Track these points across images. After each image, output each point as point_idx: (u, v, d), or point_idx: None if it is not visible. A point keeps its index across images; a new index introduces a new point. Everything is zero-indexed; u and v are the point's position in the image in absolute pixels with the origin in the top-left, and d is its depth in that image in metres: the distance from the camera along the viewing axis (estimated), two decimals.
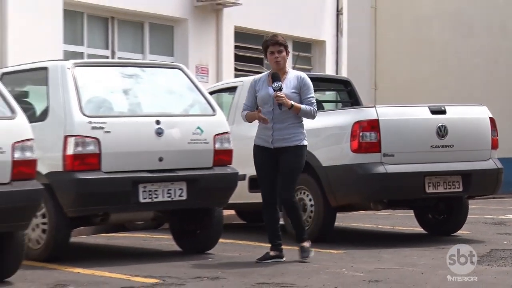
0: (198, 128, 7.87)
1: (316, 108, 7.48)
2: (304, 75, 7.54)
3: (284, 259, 7.43)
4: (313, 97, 7.47)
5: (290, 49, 16.98)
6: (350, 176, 8.59)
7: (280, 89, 7.27)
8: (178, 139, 7.76)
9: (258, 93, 7.44)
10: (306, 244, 7.48)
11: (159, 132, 7.63)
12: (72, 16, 13.42)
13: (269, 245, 7.51)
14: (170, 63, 10.29)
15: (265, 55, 7.55)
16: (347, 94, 10.86)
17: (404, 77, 21.70)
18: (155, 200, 7.56)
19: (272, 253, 7.45)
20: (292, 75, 7.48)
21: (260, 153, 7.49)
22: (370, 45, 22.27)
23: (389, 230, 10.39)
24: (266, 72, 7.67)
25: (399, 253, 7.99)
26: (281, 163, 7.38)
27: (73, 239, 8.29)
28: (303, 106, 7.35)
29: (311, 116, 7.47)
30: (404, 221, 10.91)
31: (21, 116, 6.50)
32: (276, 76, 7.35)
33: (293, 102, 7.28)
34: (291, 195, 7.44)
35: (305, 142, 7.46)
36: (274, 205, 7.49)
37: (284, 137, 7.36)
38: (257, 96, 7.45)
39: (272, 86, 7.32)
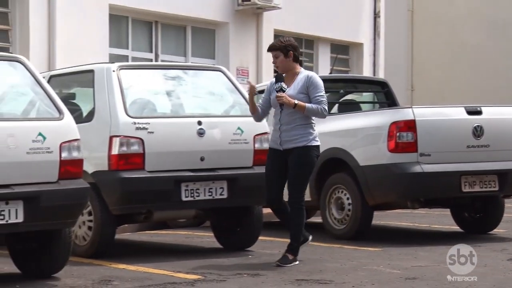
0: (239, 128, 7.86)
1: (325, 107, 7.09)
2: (312, 74, 7.22)
3: (297, 262, 7.11)
4: (321, 95, 7.09)
5: (328, 51, 17.15)
6: (387, 176, 8.53)
7: (282, 90, 7.01)
8: (219, 139, 7.75)
9: (271, 95, 7.18)
10: (291, 256, 7.08)
11: (201, 133, 7.63)
12: (117, 21, 13.51)
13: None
14: (212, 66, 10.31)
15: None
16: (384, 95, 10.79)
17: (440, 79, 21.56)
18: (197, 198, 7.57)
19: (290, 257, 7.14)
20: (302, 76, 7.16)
21: (272, 155, 7.24)
22: (407, 47, 22.17)
23: (425, 228, 10.30)
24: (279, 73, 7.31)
25: (436, 251, 7.92)
26: (289, 165, 7.10)
27: (118, 236, 8.33)
28: (308, 105, 7.00)
29: (320, 115, 7.11)
30: (440, 219, 10.81)
31: (68, 117, 6.54)
32: (279, 77, 7.10)
33: (296, 101, 6.96)
34: (298, 198, 7.10)
35: (315, 143, 7.12)
36: (281, 208, 7.23)
37: (291, 138, 7.07)
38: (270, 98, 7.22)
39: (274, 87, 7.11)
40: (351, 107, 10.52)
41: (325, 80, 11.09)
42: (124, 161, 7.33)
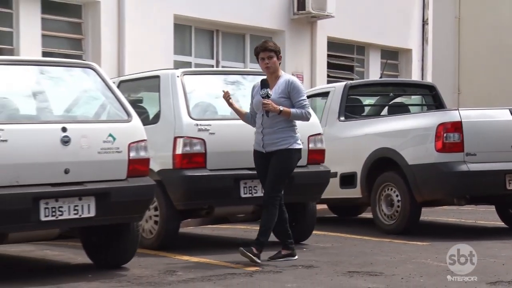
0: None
1: (308, 110, 6.85)
2: (293, 79, 6.96)
3: (296, 257, 6.96)
4: (304, 99, 6.84)
5: (378, 57, 17.05)
6: (435, 174, 8.46)
7: (268, 96, 6.74)
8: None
9: (254, 99, 6.98)
10: (256, 251, 6.73)
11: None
12: (181, 30, 13.61)
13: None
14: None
15: (257, 60, 7.01)
16: (432, 98, 10.70)
17: (486, 82, 21.28)
18: (255, 195, 7.58)
19: (284, 252, 6.99)
20: (282, 80, 6.89)
21: (257, 157, 7.00)
22: (454, 52, 21.93)
23: (471, 224, 10.17)
24: (264, 78, 7.05)
25: (481, 246, 7.81)
26: (270, 165, 6.85)
27: (182, 229, 8.39)
28: (293, 110, 6.76)
29: (304, 118, 6.88)
30: (486, 215, 10.67)
31: (136, 119, 6.61)
32: (264, 83, 6.84)
33: (281, 108, 6.71)
34: (273, 197, 6.80)
35: (297, 146, 6.86)
36: (280, 207, 6.93)
37: (273, 141, 6.82)
38: (253, 102, 7.01)
39: (259, 93, 6.84)
40: (400, 110, 10.46)
41: (375, 84, 11.19)
42: (188, 160, 7.38)
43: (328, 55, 15.82)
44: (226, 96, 6.97)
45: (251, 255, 6.67)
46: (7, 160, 5.84)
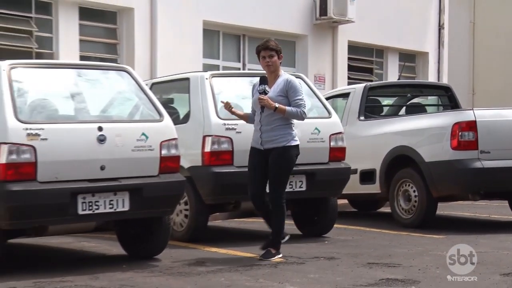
0: (316, 128, 7.84)
1: (304, 110, 6.62)
2: (291, 78, 6.74)
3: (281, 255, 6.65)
4: (300, 99, 6.62)
5: (396, 59, 16.96)
6: (450, 171, 8.41)
7: (265, 92, 6.56)
8: (299, 138, 7.69)
9: (253, 97, 6.79)
10: (274, 251, 6.64)
11: None
12: (210, 34, 13.63)
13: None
14: (292, 73, 10.26)
15: (259, 59, 6.81)
16: (448, 99, 10.63)
17: (499, 83, 21.12)
18: None
19: (287, 237, 6.84)
20: (281, 79, 6.69)
21: (253, 154, 6.75)
22: (469, 55, 21.79)
23: (485, 218, 10.10)
24: (264, 75, 6.87)
25: (495, 239, 7.77)
26: (269, 164, 6.63)
27: (210, 223, 8.41)
28: (288, 108, 6.54)
29: (299, 117, 6.65)
30: (499, 210, 10.58)
31: (167, 119, 6.62)
32: (263, 80, 6.66)
33: (277, 105, 6.51)
34: (278, 196, 6.61)
35: (294, 142, 6.65)
36: (262, 203, 6.72)
37: (271, 138, 6.60)
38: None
39: (257, 89, 6.69)
40: (417, 109, 10.42)
41: (394, 85, 11.14)
42: (216, 158, 7.39)
43: (349, 58, 15.77)
44: (228, 107, 6.82)
45: (272, 258, 6.55)
46: (48, 158, 5.89)
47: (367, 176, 9.41)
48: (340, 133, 8.00)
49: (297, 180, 7.65)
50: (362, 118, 9.78)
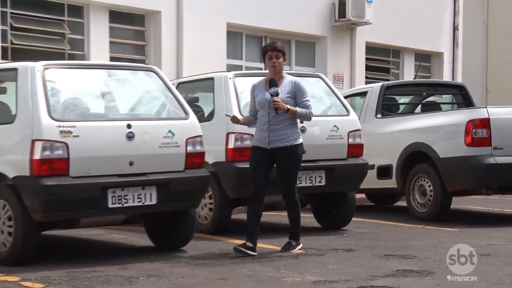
0: (335, 126, 7.81)
1: (312, 111, 6.55)
2: (298, 80, 6.60)
3: (256, 253, 6.37)
4: (308, 100, 6.54)
5: (412, 59, 16.88)
6: (464, 166, 8.36)
7: (277, 94, 6.40)
8: (318, 136, 7.72)
9: (256, 97, 6.57)
10: (294, 242, 6.63)
11: (303, 130, 7.61)
12: (233, 36, 13.63)
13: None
14: (312, 73, 10.27)
15: (264, 60, 6.64)
16: (462, 97, 10.56)
17: None
18: (299, 185, 7.51)
19: (248, 244, 6.41)
20: (287, 81, 6.56)
21: (257, 153, 6.55)
22: (482, 55, 21.63)
23: (498, 212, 10.02)
24: (263, 78, 6.73)
25: (507, 231, 7.70)
26: (279, 163, 6.49)
27: (234, 216, 8.41)
28: (299, 109, 6.45)
29: (307, 118, 6.59)
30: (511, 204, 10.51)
31: (192, 117, 6.64)
32: (273, 82, 6.48)
33: (289, 106, 6.41)
34: (292, 192, 6.56)
35: (300, 141, 6.55)
36: (261, 202, 6.56)
37: (279, 137, 6.45)
38: (255, 100, 6.61)
39: (269, 91, 6.44)
40: (433, 107, 10.35)
41: (410, 84, 11.09)
42: (239, 154, 7.38)
43: (366, 58, 15.70)
44: (235, 120, 6.67)
45: (293, 249, 6.56)
46: (79, 154, 5.92)
47: (384, 172, 9.37)
48: (358, 130, 7.97)
49: (317, 175, 7.64)
50: (379, 116, 9.74)
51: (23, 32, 11.01)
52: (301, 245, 6.65)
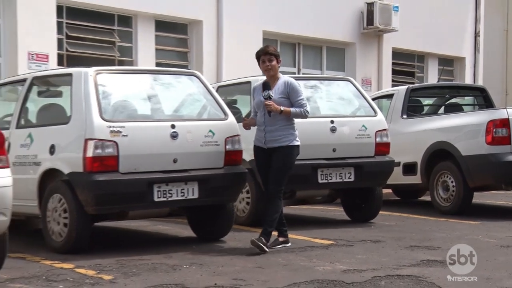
0: (363, 126, 7.77)
1: (307, 109, 6.22)
2: (291, 80, 6.29)
3: (289, 244, 6.34)
4: (302, 99, 6.21)
5: (436, 64, 16.69)
6: (485, 163, 8.25)
7: (270, 97, 6.13)
8: (348, 135, 7.68)
9: (255, 99, 6.36)
10: (264, 240, 6.09)
11: (333, 129, 7.58)
12: (269, 43, 13.54)
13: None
14: (342, 77, 10.21)
15: (258, 63, 6.36)
16: (483, 99, 10.42)
17: None
18: (330, 181, 7.53)
19: (280, 239, 6.34)
20: (281, 81, 6.26)
21: (258, 153, 6.34)
22: (502, 60, 21.31)
23: None
24: (266, 81, 6.38)
25: None
26: (272, 161, 6.20)
27: None
28: (293, 109, 6.14)
29: (303, 116, 6.24)
30: None
31: (231, 117, 6.64)
32: (266, 85, 6.20)
33: (282, 108, 6.11)
34: (276, 190, 6.15)
35: (296, 143, 6.25)
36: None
37: (275, 138, 6.18)
38: (254, 102, 6.39)
39: (262, 94, 6.21)
40: (455, 109, 10.25)
41: (433, 87, 10.97)
42: None
43: (393, 63, 15.58)
44: (248, 127, 6.50)
45: (261, 244, 6.03)
46: (128, 152, 5.96)
47: (409, 168, 9.29)
48: (385, 129, 7.91)
49: (346, 171, 7.59)
50: (404, 116, 9.66)
51: (77, 40, 11.14)
52: (266, 250, 6.05)
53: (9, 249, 5.30)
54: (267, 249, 6.08)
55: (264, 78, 6.43)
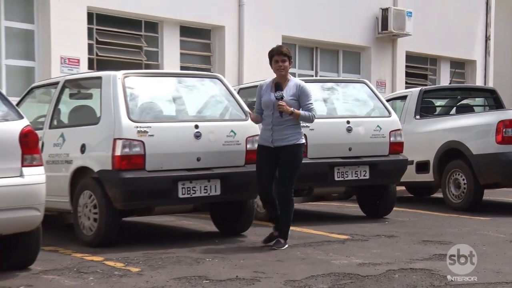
0: (378, 126, 7.73)
1: (314, 114, 6.05)
2: (302, 83, 6.09)
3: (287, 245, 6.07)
4: (311, 103, 6.03)
5: (448, 66, 16.56)
6: (495, 162, 8.19)
7: (282, 98, 5.94)
8: (363, 135, 7.64)
9: (262, 98, 6.10)
10: (282, 241, 6.02)
11: (349, 129, 7.55)
12: (287, 47, 13.55)
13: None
14: (358, 79, 10.16)
15: (270, 63, 6.18)
16: (493, 100, 10.32)
17: None
18: (346, 178, 7.50)
19: (276, 233, 6.12)
20: (292, 83, 6.07)
21: (262, 152, 6.07)
22: (511, 62, 21.10)
23: None
24: (270, 79, 6.23)
25: None
26: (281, 160, 5.98)
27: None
28: (302, 112, 5.96)
29: (310, 120, 6.06)
30: None
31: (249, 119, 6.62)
32: (279, 86, 6.00)
33: (293, 109, 5.93)
34: (288, 190, 5.97)
35: (302, 141, 6.05)
36: (272, 199, 6.10)
37: (282, 137, 5.97)
38: (261, 100, 6.14)
39: (274, 94, 5.99)
40: (466, 109, 10.16)
41: (445, 89, 10.89)
42: None
43: (406, 66, 15.49)
44: (256, 121, 6.27)
45: (282, 248, 5.93)
46: (154, 151, 5.99)
47: (422, 167, 9.23)
48: (398, 129, 7.87)
49: (362, 169, 7.56)
50: (418, 117, 9.60)
51: (106, 45, 11.20)
52: (287, 245, 6.02)
53: (43, 243, 5.35)
54: (286, 245, 6.04)
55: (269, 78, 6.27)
